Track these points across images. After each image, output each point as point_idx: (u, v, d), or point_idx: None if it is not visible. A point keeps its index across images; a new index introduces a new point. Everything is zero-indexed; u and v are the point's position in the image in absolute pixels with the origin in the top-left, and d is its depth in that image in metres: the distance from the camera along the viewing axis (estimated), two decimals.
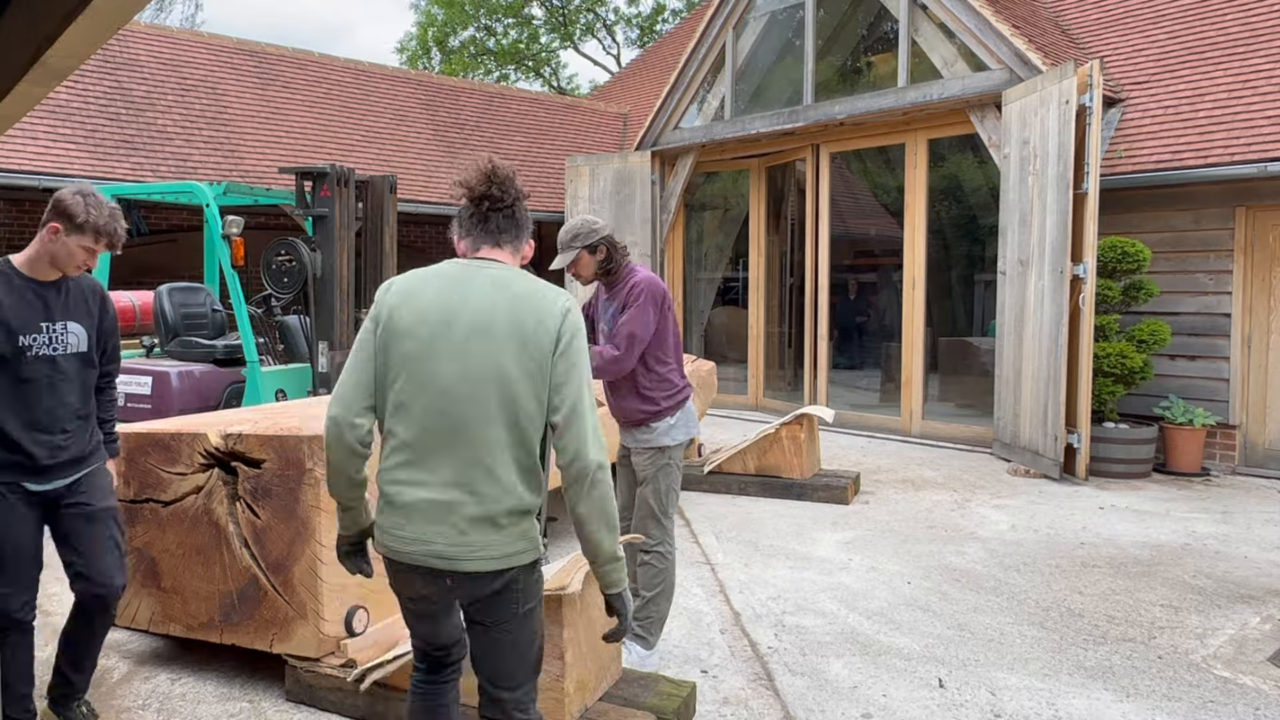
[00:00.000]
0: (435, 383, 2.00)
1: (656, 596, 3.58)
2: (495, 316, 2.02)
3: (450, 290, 2.06)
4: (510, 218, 2.19)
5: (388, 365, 2.04)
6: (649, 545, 3.59)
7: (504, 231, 2.18)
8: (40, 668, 3.60)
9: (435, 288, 2.07)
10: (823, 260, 9.48)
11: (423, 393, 2.00)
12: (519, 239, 2.22)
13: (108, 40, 1.90)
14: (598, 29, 28.78)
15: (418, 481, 2.02)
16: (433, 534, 2.00)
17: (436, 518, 2.00)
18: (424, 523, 2.00)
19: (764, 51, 10.24)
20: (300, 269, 5.66)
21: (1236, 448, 7.40)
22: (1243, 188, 7.25)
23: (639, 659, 3.56)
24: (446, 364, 2.00)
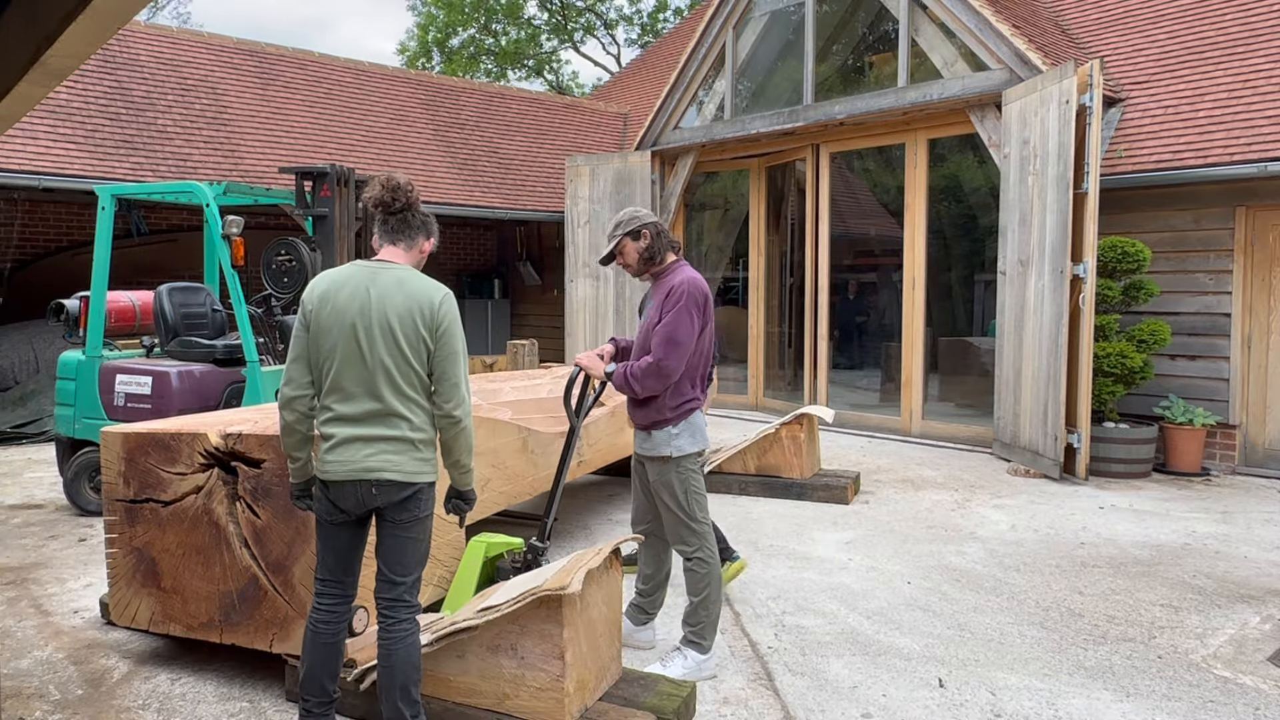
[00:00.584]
0: (353, 362, 2.69)
1: (705, 600, 3.51)
2: (392, 309, 2.69)
3: (358, 291, 2.71)
4: (403, 221, 2.83)
5: (319, 354, 2.73)
6: (686, 552, 3.52)
7: (398, 232, 2.83)
8: (39, 667, 3.61)
9: (348, 290, 2.71)
10: (823, 260, 9.48)
11: (346, 369, 2.70)
12: (412, 239, 2.85)
13: (108, 40, 1.90)
14: (597, 29, 28.79)
15: (348, 425, 2.74)
16: (361, 456, 2.69)
17: (364, 446, 2.71)
18: (356, 448, 2.71)
19: (764, 51, 10.24)
20: (300, 269, 5.65)
21: (1236, 448, 7.40)
22: (1243, 187, 7.25)
23: (695, 664, 3.49)
24: (360, 348, 2.69)
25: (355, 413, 2.69)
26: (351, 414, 2.70)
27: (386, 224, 2.82)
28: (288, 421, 2.78)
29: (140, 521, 3.58)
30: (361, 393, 2.69)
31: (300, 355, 2.75)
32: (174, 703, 3.32)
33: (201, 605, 3.47)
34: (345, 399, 2.70)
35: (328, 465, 2.72)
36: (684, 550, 3.54)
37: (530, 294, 14.19)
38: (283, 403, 2.76)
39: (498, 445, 4.44)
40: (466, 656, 3.01)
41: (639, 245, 3.53)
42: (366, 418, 2.69)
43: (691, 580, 3.53)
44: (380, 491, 2.70)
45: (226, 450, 3.42)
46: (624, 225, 3.54)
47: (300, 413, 2.76)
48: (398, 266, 2.78)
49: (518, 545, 3.84)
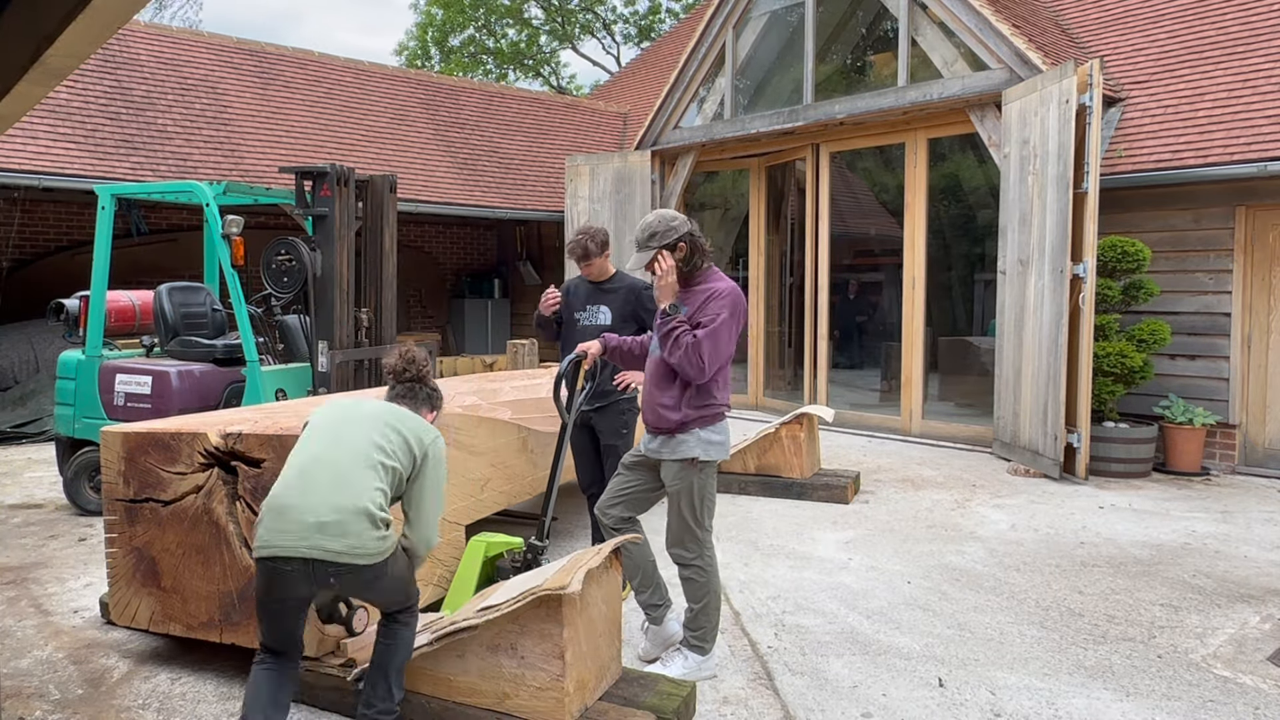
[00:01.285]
0: (325, 446, 2.83)
1: (704, 608, 3.47)
2: (383, 416, 2.88)
3: (353, 406, 2.94)
4: (410, 390, 3.07)
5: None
6: (686, 560, 3.47)
7: (404, 398, 3.06)
8: (39, 666, 3.61)
9: (345, 405, 2.95)
10: (823, 260, 9.48)
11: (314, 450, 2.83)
12: (416, 408, 3.05)
13: (108, 40, 1.90)
14: (597, 29, 28.77)
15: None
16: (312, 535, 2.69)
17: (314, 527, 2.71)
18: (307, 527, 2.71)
19: (764, 51, 10.24)
20: (300, 269, 5.65)
21: (1236, 447, 7.40)
22: (1242, 187, 7.25)
23: (695, 664, 3.48)
24: (338, 437, 2.85)
25: (311, 496, 2.66)
26: (306, 495, 2.67)
27: (394, 389, 3.05)
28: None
29: (140, 521, 3.58)
30: (327, 476, 2.68)
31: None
32: (174, 703, 3.32)
33: (201, 605, 3.47)
34: (303, 477, 2.70)
35: (264, 539, 2.65)
36: (683, 556, 3.47)
37: (530, 294, 14.19)
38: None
39: (498, 445, 4.44)
40: (466, 656, 3.01)
41: (677, 257, 3.36)
42: (324, 498, 2.66)
43: (691, 589, 3.50)
44: (335, 575, 2.64)
45: (226, 450, 3.42)
46: (660, 236, 3.33)
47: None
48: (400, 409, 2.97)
49: (517, 545, 3.84)
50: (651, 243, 3.36)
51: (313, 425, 2.87)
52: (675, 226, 3.36)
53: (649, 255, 3.36)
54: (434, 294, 14.22)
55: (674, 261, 3.35)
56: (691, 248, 3.36)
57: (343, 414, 2.87)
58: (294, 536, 2.58)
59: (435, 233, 14.32)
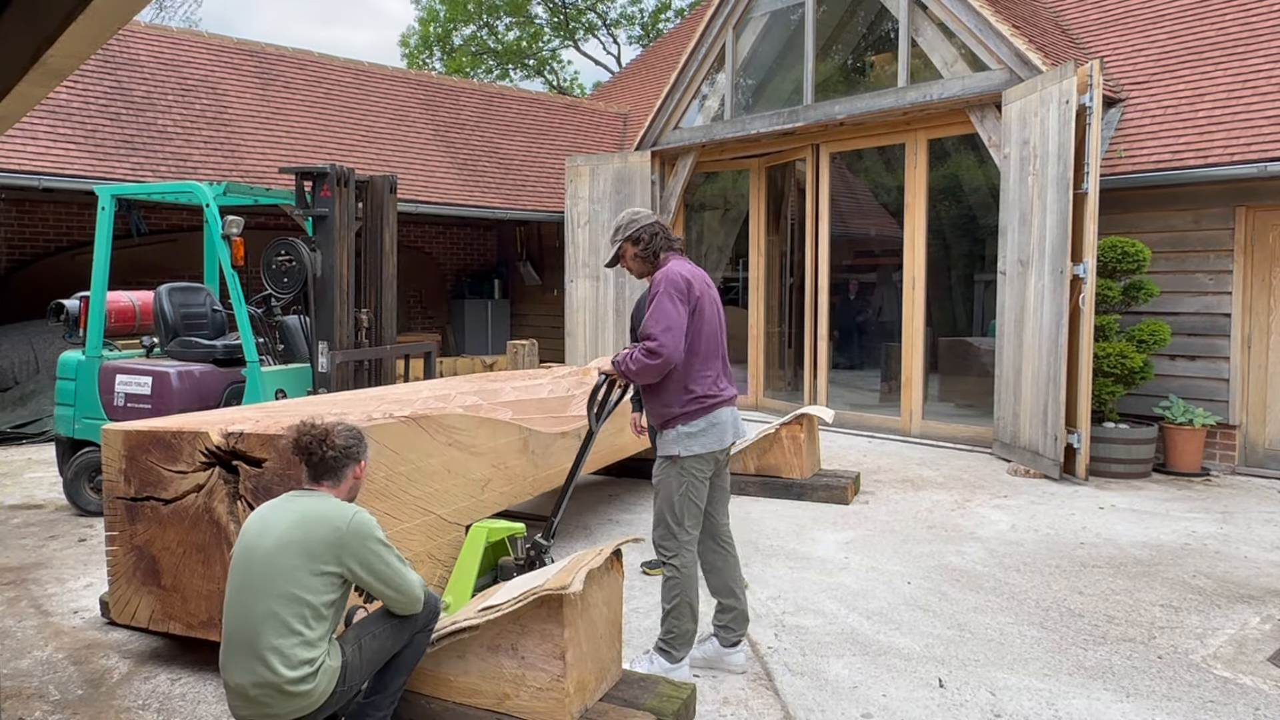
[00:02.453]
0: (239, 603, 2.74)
1: (674, 610, 3.44)
2: (285, 538, 2.67)
3: (265, 526, 2.73)
4: (324, 464, 2.84)
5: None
6: (664, 557, 3.47)
7: (322, 474, 2.86)
8: (39, 667, 3.61)
9: (258, 526, 2.74)
10: (823, 260, 9.48)
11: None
12: (339, 476, 2.87)
13: (108, 40, 1.90)
14: (599, 30, 28.79)
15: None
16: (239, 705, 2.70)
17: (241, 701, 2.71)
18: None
19: (764, 51, 10.24)
20: (300, 269, 5.65)
21: (1236, 448, 7.40)
22: (1243, 188, 7.25)
23: (662, 671, 3.45)
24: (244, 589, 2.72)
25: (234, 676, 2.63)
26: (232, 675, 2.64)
27: (310, 470, 2.85)
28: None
29: (141, 519, 3.58)
30: (242, 652, 2.61)
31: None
32: (174, 703, 3.32)
33: (201, 603, 3.47)
34: (228, 649, 2.65)
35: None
36: (661, 552, 3.48)
37: (530, 294, 14.19)
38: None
39: (499, 445, 4.44)
40: (467, 656, 3.01)
41: (637, 249, 3.53)
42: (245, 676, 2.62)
43: (664, 587, 3.48)
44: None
45: (228, 449, 3.41)
46: (623, 230, 3.55)
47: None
48: (313, 495, 2.80)
49: (519, 530, 3.84)
50: (617, 236, 3.56)
51: (233, 564, 2.71)
52: (638, 220, 3.55)
53: (615, 249, 3.57)
54: (434, 294, 14.22)
55: (635, 250, 3.54)
56: (650, 238, 3.52)
57: (254, 545, 2.67)
58: (238, 708, 2.65)
59: (435, 233, 14.32)
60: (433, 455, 3.88)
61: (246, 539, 2.71)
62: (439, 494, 3.90)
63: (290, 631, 2.59)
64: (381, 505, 3.50)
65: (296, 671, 2.57)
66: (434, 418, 3.94)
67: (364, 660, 2.77)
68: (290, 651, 2.58)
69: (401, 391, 4.96)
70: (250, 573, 2.64)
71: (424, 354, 6.97)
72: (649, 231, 3.53)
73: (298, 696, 2.59)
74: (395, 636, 2.85)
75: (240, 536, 2.74)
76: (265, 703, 2.60)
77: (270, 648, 2.58)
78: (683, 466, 3.43)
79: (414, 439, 3.77)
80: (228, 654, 2.65)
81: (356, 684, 2.76)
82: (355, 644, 2.76)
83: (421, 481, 3.79)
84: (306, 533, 2.66)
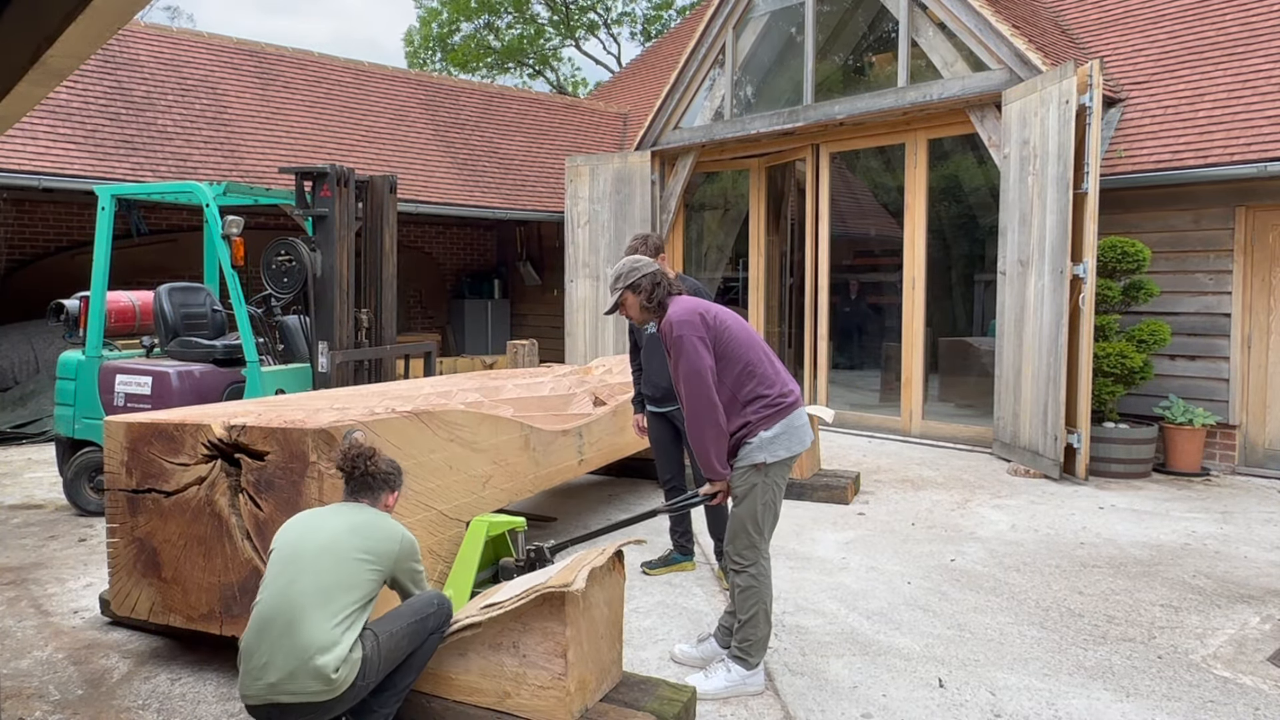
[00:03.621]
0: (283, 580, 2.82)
1: (753, 619, 3.41)
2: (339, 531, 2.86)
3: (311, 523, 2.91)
4: (363, 483, 3.02)
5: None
6: (741, 566, 3.42)
7: (359, 492, 3.03)
8: (39, 667, 3.61)
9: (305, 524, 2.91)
10: (823, 260, 9.48)
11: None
12: (375, 497, 3.04)
13: (108, 40, 1.90)
14: (599, 30, 28.79)
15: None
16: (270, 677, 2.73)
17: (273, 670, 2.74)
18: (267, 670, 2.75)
19: (764, 51, 10.24)
20: (300, 269, 5.65)
21: (1236, 448, 7.40)
22: (1243, 188, 7.25)
23: (739, 678, 3.40)
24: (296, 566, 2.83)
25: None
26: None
27: (350, 485, 3.03)
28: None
29: (142, 511, 3.58)
30: (278, 628, 2.68)
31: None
32: (174, 703, 3.32)
33: (202, 596, 3.47)
34: (259, 624, 2.71)
35: (239, 686, 2.73)
36: (738, 563, 3.42)
37: (530, 294, 14.19)
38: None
39: (499, 443, 4.44)
40: (468, 654, 3.01)
41: (639, 299, 3.50)
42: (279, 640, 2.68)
43: (741, 598, 3.43)
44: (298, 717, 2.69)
45: (230, 442, 3.41)
46: (624, 278, 3.50)
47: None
48: (363, 507, 2.98)
49: (520, 524, 3.84)
50: (618, 285, 3.53)
51: (276, 554, 2.82)
52: (638, 267, 3.52)
53: (616, 298, 3.54)
54: (434, 294, 14.22)
55: (636, 299, 3.52)
56: (653, 286, 3.50)
57: (302, 540, 2.81)
58: (255, 688, 2.67)
59: (435, 233, 14.32)
60: (434, 451, 3.88)
61: (294, 532, 2.85)
62: (440, 490, 3.90)
63: (333, 615, 2.69)
64: None
65: (330, 656, 2.65)
66: (436, 414, 3.94)
67: (382, 658, 2.81)
68: (330, 635, 2.67)
69: (403, 388, 4.96)
70: (301, 558, 2.76)
71: (424, 354, 6.97)
72: (651, 280, 3.49)
73: (324, 679, 2.63)
74: (412, 638, 2.90)
75: (283, 531, 2.88)
76: (291, 681, 2.63)
77: (313, 627, 2.65)
78: (768, 474, 3.39)
79: (416, 435, 3.77)
80: (259, 635, 2.69)
81: (372, 680, 2.78)
82: (375, 641, 2.79)
83: (423, 477, 3.79)
84: (366, 536, 2.85)
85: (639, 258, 3.58)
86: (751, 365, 3.43)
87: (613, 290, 3.55)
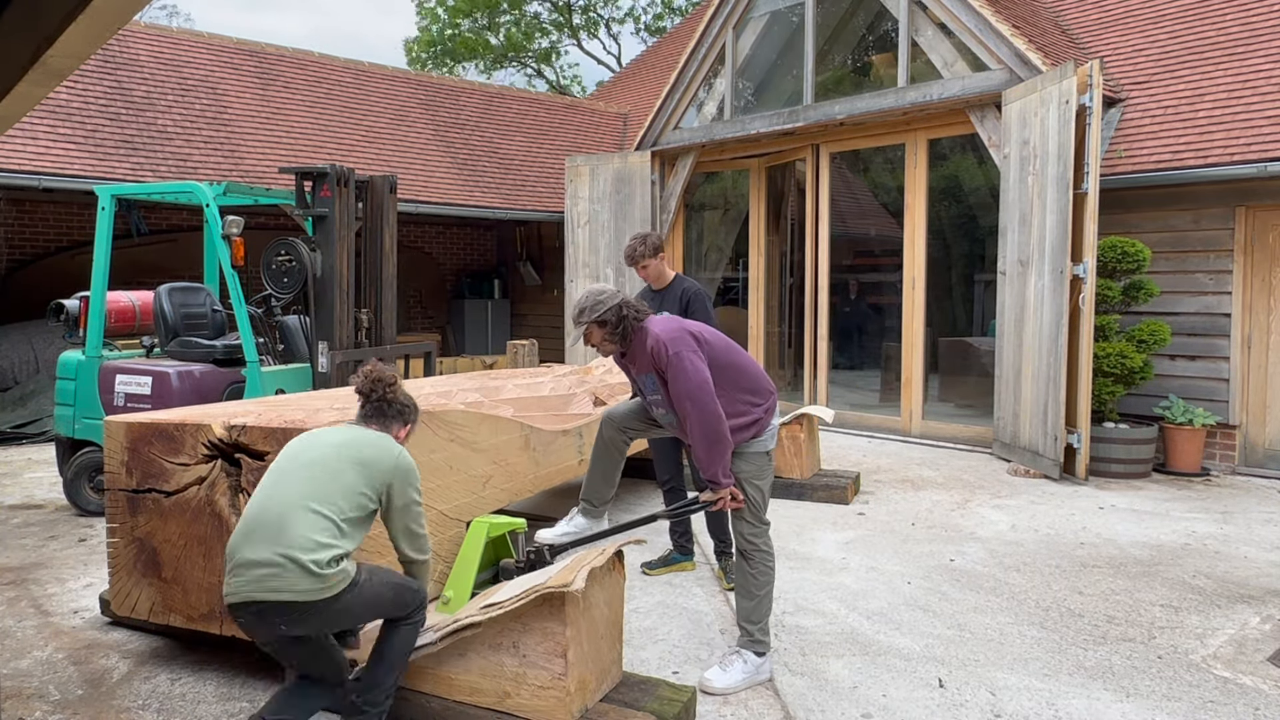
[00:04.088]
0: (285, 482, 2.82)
1: (765, 597, 3.54)
2: (343, 444, 2.88)
3: (318, 437, 2.93)
4: (378, 409, 3.04)
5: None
6: (754, 545, 3.52)
7: (372, 418, 3.04)
8: (39, 667, 3.61)
9: (311, 438, 2.94)
10: (823, 260, 9.48)
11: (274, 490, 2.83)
12: (386, 425, 3.04)
13: (108, 40, 1.90)
14: (599, 30, 28.79)
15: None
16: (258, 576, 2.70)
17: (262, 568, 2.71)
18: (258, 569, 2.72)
19: (764, 51, 10.24)
20: (300, 269, 5.65)
21: (1236, 448, 7.40)
22: (1243, 188, 7.25)
23: (754, 668, 3.45)
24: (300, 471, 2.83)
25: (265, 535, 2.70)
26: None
27: (364, 408, 3.03)
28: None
29: (142, 511, 3.58)
30: (266, 525, 2.69)
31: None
32: (174, 703, 3.32)
33: (202, 596, 3.47)
34: (247, 524, 2.72)
35: (225, 587, 2.73)
36: (751, 542, 3.53)
37: (530, 294, 14.19)
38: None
39: (499, 443, 4.44)
40: (468, 654, 3.01)
41: (605, 331, 3.43)
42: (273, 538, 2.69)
43: (754, 579, 3.53)
44: (282, 618, 2.67)
45: (231, 442, 3.41)
46: (588, 312, 3.40)
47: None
48: (365, 429, 2.98)
49: (520, 525, 3.84)
50: (582, 318, 3.43)
51: (273, 466, 2.84)
52: (603, 300, 3.42)
53: (581, 330, 3.45)
54: (434, 294, 14.22)
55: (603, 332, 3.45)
56: (619, 319, 3.42)
57: (299, 454, 2.84)
58: (240, 584, 2.64)
59: (435, 233, 14.32)
60: (434, 451, 3.88)
61: (293, 447, 2.89)
62: (440, 490, 3.90)
63: (323, 521, 2.69)
64: None
65: (320, 554, 2.64)
66: (436, 414, 3.94)
67: (365, 595, 2.77)
68: (318, 539, 2.66)
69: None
70: (294, 469, 2.78)
71: (424, 354, 6.97)
72: (616, 314, 3.41)
73: (315, 576, 2.62)
74: (393, 599, 2.85)
75: (284, 449, 2.91)
76: (277, 576, 2.61)
77: (303, 529, 2.66)
78: (770, 457, 3.59)
79: (416, 434, 3.77)
80: (246, 536, 2.69)
81: (359, 612, 2.76)
82: (367, 575, 2.79)
83: (423, 477, 3.79)
84: (359, 450, 2.84)
85: (602, 288, 3.48)
86: (742, 365, 3.54)
87: (576, 324, 3.44)
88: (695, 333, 3.46)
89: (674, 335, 3.38)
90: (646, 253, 4.61)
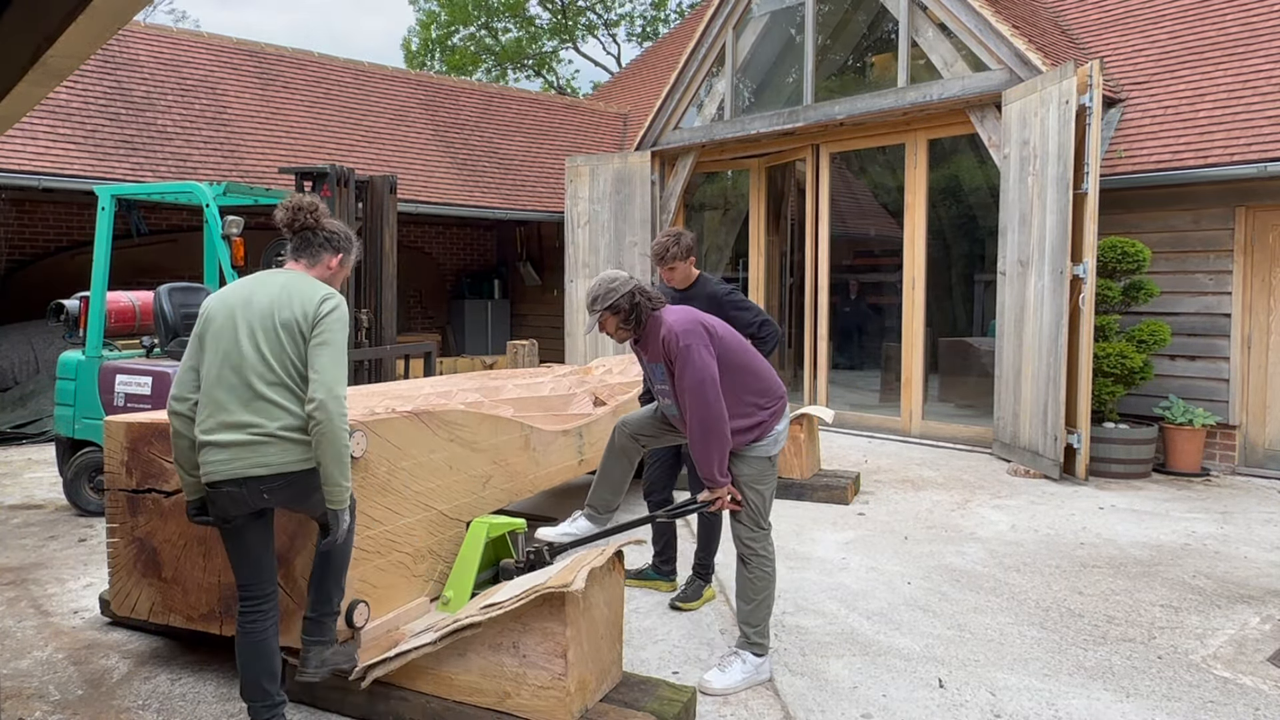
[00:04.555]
0: (230, 359, 2.77)
1: (765, 599, 3.54)
2: (271, 302, 2.80)
3: (244, 294, 2.84)
4: (304, 240, 2.97)
5: (205, 359, 2.80)
6: (753, 550, 3.52)
7: (300, 250, 2.98)
8: (39, 667, 3.61)
9: (237, 296, 2.84)
10: (823, 260, 9.48)
11: (224, 368, 2.76)
12: (315, 256, 2.98)
13: (108, 40, 1.90)
14: (599, 30, 28.79)
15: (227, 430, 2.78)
16: (234, 455, 2.71)
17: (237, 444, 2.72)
18: (233, 450, 2.72)
19: (764, 51, 10.24)
20: None
21: (1236, 448, 7.40)
22: (1243, 188, 7.25)
23: (753, 668, 3.46)
24: (238, 343, 2.76)
25: (232, 415, 2.74)
26: (229, 415, 2.74)
27: (291, 244, 2.97)
28: (175, 429, 2.83)
29: (142, 511, 3.58)
30: (238, 387, 2.74)
31: (190, 364, 2.84)
32: (174, 703, 3.32)
33: (202, 596, 3.47)
34: (223, 398, 2.75)
35: (206, 467, 2.75)
36: (750, 546, 3.52)
37: (530, 294, 14.19)
38: (170, 410, 2.84)
39: (499, 443, 4.44)
40: (468, 654, 3.01)
41: (618, 319, 3.42)
42: (241, 419, 2.73)
43: (757, 584, 3.53)
44: (269, 489, 2.73)
45: None
46: (602, 299, 3.39)
47: (185, 418, 2.82)
48: (289, 272, 2.91)
49: (520, 525, 3.84)
50: (596, 307, 3.42)
51: (210, 333, 2.80)
52: (615, 288, 3.41)
53: (595, 319, 3.43)
54: (434, 294, 14.22)
55: (617, 320, 3.44)
56: (631, 306, 3.41)
57: (233, 318, 2.79)
58: (224, 463, 2.70)
59: (435, 233, 14.32)
60: (434, 451, 3.88)
61: (232, 300, 2.81)
62: (440, 490, 3.90)
63: (281, 395, 2.73)
64: (383, 500, 3.50)
65: (288, 419, 2.70)
66: (436, 413, 3.94)
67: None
68: (283, 401, 2.72)
69: (404, 388, 4.96)
70: (237, 331, 2.76)
71: (424, 354, 6.97)
72: (629, 300, 3.40)
73: (298, 446, 2.70)
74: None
75: (219, 300, 2.84)
76: (259, 449, 2.67)
77: (268, 406, 2.70)
78: (773, 462, 3.54)
79: (416, 434, 3.77)
80: (211, 405, 2.73)
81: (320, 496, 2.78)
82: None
83: (423, 477, 3.79)
84: (287, 306, 2.78)
85: (614, 274, 3.46)
86: (753, 367, 3.51)
87: (590, 311, 3.43)
88: (709, 327, 3.43)
89: (686, 327, 3.37)
90: (680, 254, 4.30)
